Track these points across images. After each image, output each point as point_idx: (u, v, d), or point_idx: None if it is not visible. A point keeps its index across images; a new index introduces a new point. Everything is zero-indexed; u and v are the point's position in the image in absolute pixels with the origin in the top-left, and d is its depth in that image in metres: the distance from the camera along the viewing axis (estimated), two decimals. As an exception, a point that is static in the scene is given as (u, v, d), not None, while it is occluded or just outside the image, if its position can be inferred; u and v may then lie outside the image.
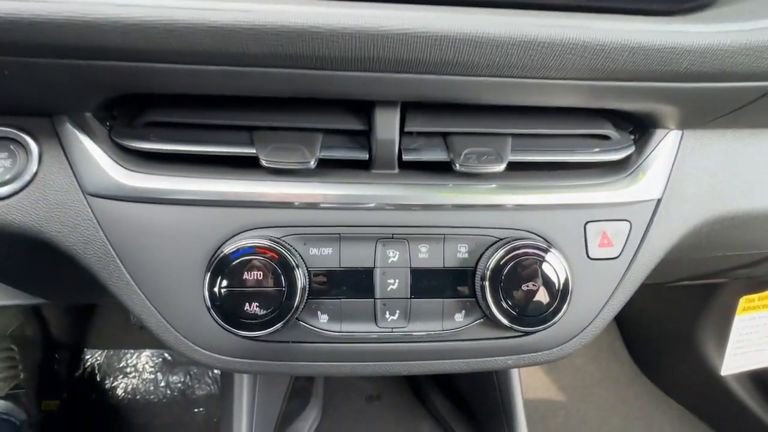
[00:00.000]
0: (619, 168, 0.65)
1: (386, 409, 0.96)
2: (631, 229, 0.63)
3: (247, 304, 0.53)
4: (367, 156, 0.59)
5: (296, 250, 0.57)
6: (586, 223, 0.62)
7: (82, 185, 0.57)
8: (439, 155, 0.60)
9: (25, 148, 0.57)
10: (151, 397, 2.03)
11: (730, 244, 0.75)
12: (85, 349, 2.10)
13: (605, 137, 0.65)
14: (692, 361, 2.01)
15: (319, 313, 0.58)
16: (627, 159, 0.65)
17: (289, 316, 0.54)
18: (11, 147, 0.57)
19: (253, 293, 0.53)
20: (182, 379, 2.06)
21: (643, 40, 0.45)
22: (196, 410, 1.98)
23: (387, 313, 0.59)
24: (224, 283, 0.53)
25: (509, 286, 0.56)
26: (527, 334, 0.60)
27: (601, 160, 0.64)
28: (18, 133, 0.57)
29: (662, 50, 0.45)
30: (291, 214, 0.58)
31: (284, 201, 0.58)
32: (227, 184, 0.58)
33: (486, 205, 0.60)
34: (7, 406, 1.49)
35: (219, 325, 0.53)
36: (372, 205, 0.59)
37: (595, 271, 0.62)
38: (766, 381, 1.85)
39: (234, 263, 0.53)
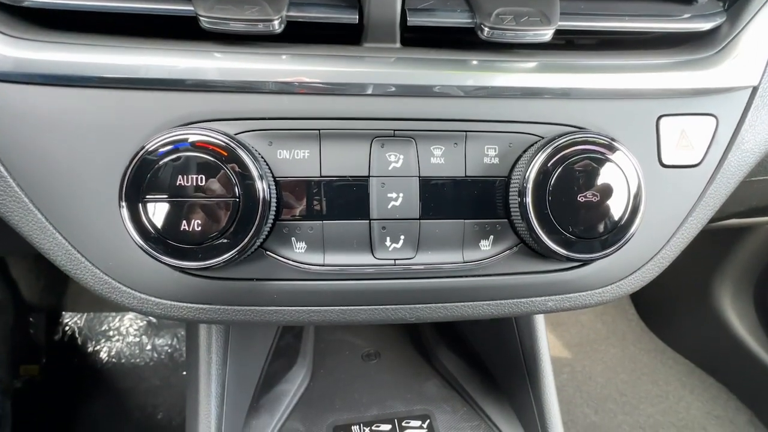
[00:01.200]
0: (704, 44, 0.47)
1: (386, 369, 0.83)
2: (717, 126, 0.46)
3: (184, 222, 0.36)
4: (357, 18, 0.41)
5: (257, 152, 0.40)
6: (660, 117, 0.45)
7: (-62, 57, 0.38)
8: (459, 18, 0.42)
9: None
10: (137, 360, 1.94)
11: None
12: (63, 313, 1.99)
13: (687, 0, 0.47)
14: (705, 316, 1.93)
15: (293, 240, 0.42)
16: (715, 32, 0.47)
17: (247, 241, 0.38)
18: None
19: (193, 206, 0.36)
20: (169, 342, 1.97)
21: None
22: (183, 373, 1.88)
23: (388, 239, 0.43)
24: (149, 192, 0.36)
25: (559, 199, 0.40)
26: (583, 264, 0.44)
27: (683, 31, 0.46)
28: None
29: None
30: (249, 102, 0.41)
31: (238, 82, 0.40)
32: (155, 56, 0.39)
33: (524, 89, 0.43)
34: (-28, 372, 1.37)
35: (148, 253, 0.37)
36: (366, 89, 0.41)
37: (669, 181, 0.46)
38: (787, 334, 1.77)
39: (161, 163, 0.36)
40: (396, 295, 0.45)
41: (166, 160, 0.36)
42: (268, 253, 0.42)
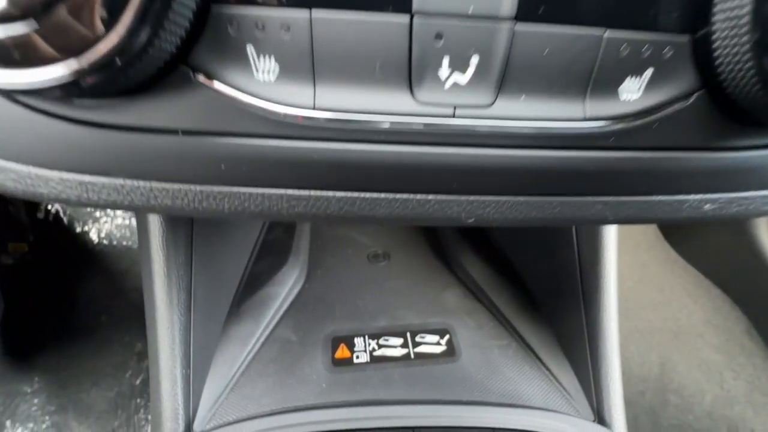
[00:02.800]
0: None
1: (396, 272, 0.69)
2: None
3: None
4: None
5: None
6: None
7: None
8: None
9: None
10: (129, 242, 1.89)
11: None
12: (42, 190, 1.85)
13: None
14: (731, 228, 1.81)
15: (252, 52, 0.20)
16: None
17: (126, 33, 0.16)
18: None
19: None
20: (160, 226, 1.87)
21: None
22: (177, 258, 1.82)
23: (445, 62, 0.21)
24: None
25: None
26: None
27: None
28: None
29: None
30: None
31: None
32: None
33: None
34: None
35: None
36: None
37: None
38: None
39: None
40: (448, 176, 0.24)
41: None
42: (200, 78, 0.20)
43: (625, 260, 2.01)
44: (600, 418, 0.50)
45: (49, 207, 1.89)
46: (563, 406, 0.50)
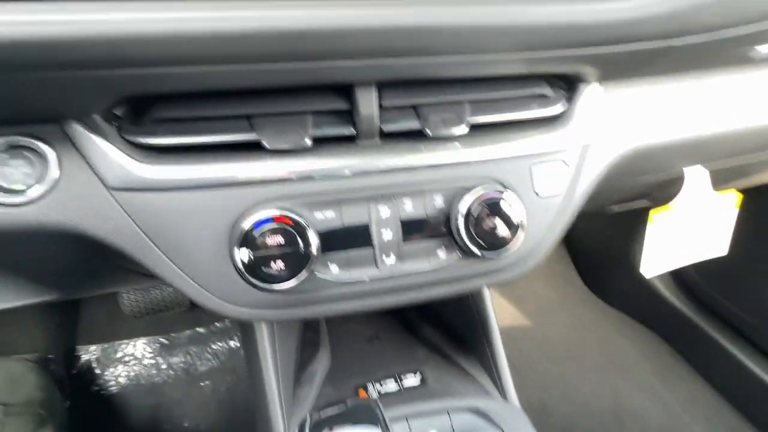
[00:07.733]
0: (557, 120, 0.80)
1: (385, 347, 1.13)
2: (567, 168, 0.79)
3: (272, 263, 0.64)
4: (353, 131, 0.70)
5: (305, 216, 0.68)
6: (531, 166, 0.78)
7: (104, 182, 0.64)
8: (412, 124, 0.72)
9: (40, 154, 0.63)
10: (156, 379, 2.11)
11: (642, 170, 0.95)
12: (78, 347, 2.14)
13: (544, 96, 0.79)
14: (630, 275, 2.39)
15: (329, 263, 0.71)
16: (563, 112, 0.80)
17: (307, 271, 0.66)
18: (26, 154, 0.63)
19: (276, 255, 0.64)
20: (183, 359, 2.15)
21: (561, 19, 0.58)
22: (202, 384, 2.09)
23: (384, 256, 0.72)
24: (252, 251, 0.64)
25: (478, 223, 0.71)
26: (492, 259, 0.76)
27: (541, 116, 0.79)
28: (32, 140, 0.62)
29: (577, 27, 0.59)
30: (295, 187, 0.69)
31: (288, 177, 0.68)
32: (236, 167, 0.67)
33: (454, 162, 0.74)
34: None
35: (251, 285, 0.64)
36: (362, 171, 0.71)
37: (541, 204, 0.78)
38: (685, 281, 2.25)
39: (257, 233, 0.64)
40: (391, 290, 0.73)
41: (259, 231, 0.64)
42: (316, 274, 0.70)
43: (564, 315, 2.50)
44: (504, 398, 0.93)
45: (83, 359, 2.14)
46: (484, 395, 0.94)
